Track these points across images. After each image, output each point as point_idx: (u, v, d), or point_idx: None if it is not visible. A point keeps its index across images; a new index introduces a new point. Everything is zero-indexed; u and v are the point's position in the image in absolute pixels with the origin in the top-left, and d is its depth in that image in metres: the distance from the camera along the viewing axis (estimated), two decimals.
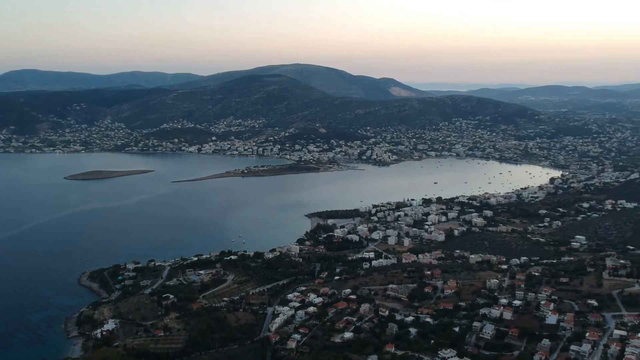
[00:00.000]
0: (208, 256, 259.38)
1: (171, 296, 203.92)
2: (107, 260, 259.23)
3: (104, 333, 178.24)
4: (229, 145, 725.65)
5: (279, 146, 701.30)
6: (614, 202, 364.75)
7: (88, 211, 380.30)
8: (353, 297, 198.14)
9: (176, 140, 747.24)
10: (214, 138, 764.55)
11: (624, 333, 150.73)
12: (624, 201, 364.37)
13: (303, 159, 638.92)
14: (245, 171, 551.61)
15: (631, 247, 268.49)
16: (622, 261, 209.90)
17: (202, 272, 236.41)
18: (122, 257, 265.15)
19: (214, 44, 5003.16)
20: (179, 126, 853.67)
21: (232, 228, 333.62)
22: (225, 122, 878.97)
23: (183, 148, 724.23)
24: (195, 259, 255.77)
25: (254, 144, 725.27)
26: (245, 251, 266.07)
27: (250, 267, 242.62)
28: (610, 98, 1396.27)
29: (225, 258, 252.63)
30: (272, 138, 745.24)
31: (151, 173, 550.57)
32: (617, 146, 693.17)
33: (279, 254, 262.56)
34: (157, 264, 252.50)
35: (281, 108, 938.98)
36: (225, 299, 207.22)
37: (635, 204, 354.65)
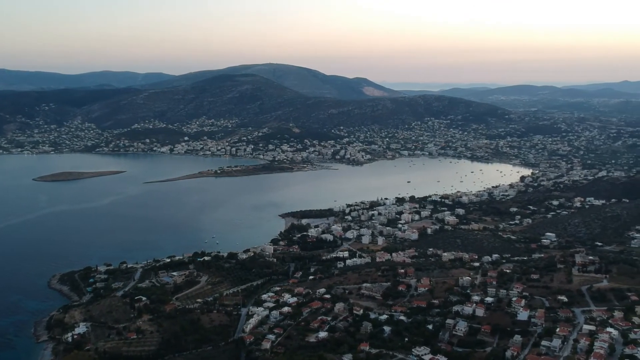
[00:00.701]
0: (181, 257, 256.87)
1: (144, 298, 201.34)
2: (78, 263, 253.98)
3: (75, 337, 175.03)
4: (201, 146, 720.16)
5: (253, 146, 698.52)
6: (582, 199, 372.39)
7: (58, 213, 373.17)
8: (327, 296, 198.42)
9: (148, 140, 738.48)
10: (186, 138, 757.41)
11: (592, 328, 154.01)
12: (592, 198, 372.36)
13: (277, 159, 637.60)
14: (219, 171, 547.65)
15: (599, 244, 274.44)
16: (590, 257, 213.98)
17: (175, 273, 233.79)
18: (93, 259, 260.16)
19: (185, 43, 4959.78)
20: (151, 126, 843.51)
21: (206, 229, 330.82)
22: (197, 122, 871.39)
23: (155, 148, 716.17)
24: (168, 260, 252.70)
25: (227, 144, 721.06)
26: (219, 252, 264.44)
27: (224, 268, 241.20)
28: (579, 97, 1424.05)
29: (198, 259, 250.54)
30: (245, 138, 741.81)
31: (123, 174, 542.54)
32: (585, 145, 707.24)
33: (253, 254, 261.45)
34: (129, 266, 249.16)
35: (254, 108, 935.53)
36: (198, 300, 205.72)
37: (603, 201, 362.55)
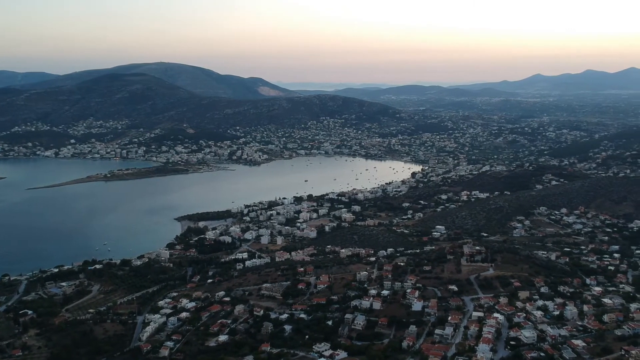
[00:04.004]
0: (70, 267, 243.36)
1: (29, 312, 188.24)
2: None
3: None
4: (89, 148, 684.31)
5: (145, 148, 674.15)
6: (468, 193, 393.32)
7: None
8: (227, 299, 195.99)
9: (30, 144, 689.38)
10: (72, 141, 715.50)
11: (481, 314, 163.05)
12: (478, 192, 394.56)
13: (171, 161, 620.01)
14: (109, 175, 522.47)
15: (485, 234, 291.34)
16: (477, 248, 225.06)
17: (64, 284, 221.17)
18: None
19: (69, 40, 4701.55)
20: (33, 129, 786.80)
21: (96, 236, 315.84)
22: (84, 124, 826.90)
23: (38, 152, 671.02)
24: (56, 270, 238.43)
25: (117, 146, 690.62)
26: (111, 259, 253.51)
27: (117, 276, 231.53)
28: (463, 97, 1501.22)
29: (89, 268, 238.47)
30: (136, 140, 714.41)
31: (2, 180, 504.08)
32: (470, 141, 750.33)
33: (147, 260, 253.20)
34: (12, 278, 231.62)
35: (146, 108, 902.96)
36: (91, 310, 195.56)
37: (487, 194, 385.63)
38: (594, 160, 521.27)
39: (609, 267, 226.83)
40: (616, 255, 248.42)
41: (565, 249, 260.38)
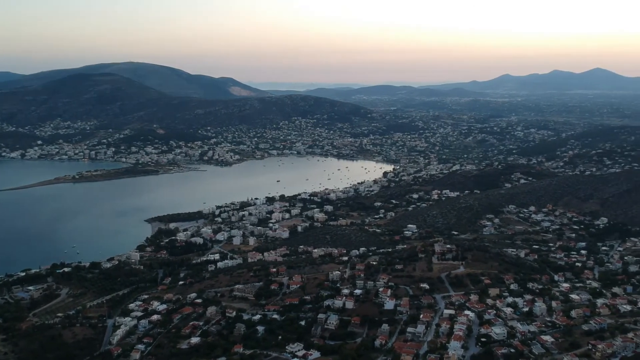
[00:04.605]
0: (38, 270, 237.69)
1: None
2: None
3: None
4: (57, 150, 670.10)
5: (114, 149, 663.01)
6: (439, 192, 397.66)
7: None
8: (199, 301, 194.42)
9: None
10: (39, 142, 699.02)
11: (452, 312, 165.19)
12: (448, 191, 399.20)
13: (141, 162, 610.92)
14: (77, 177, 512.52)
15: (455, 233, 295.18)
16: (448, 246, 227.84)
17: (31, 288, 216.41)
18: None
19: (35, 40, 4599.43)
20: None
21: (65, 238, 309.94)
22: (52, 125, 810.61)
23: (4, 154, 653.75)
24: (23, 274, 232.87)
25: (86, 147, 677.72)
26: (80, 262, 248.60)
27: (86, 279, 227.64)
28: (434, 97, 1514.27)
29: (57, 271, 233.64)
30: (105, 140, 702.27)
31: None
32: (440, 141, 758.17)
33: (117, 262, 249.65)
34: None
35: (114, 109, 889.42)
36: (59, 314, 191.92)
37: (458, 193, 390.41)
38: (561, 159, 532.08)
39: (577, 264, 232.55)
40: (583, 252, 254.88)
41: (534, 246, 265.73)
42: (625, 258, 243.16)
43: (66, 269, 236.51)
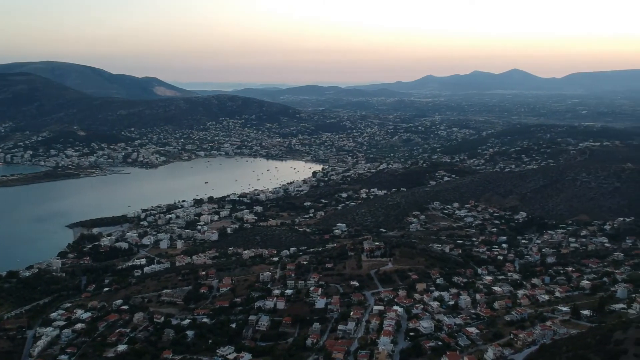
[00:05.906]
0: None
1: None
2: None
3: None
4: None
5: (32, 152, 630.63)
6: (367, 190, 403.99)
7: None
8: (125, 307, 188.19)
9: None
10: None
11: (382, 308, 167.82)
12: (376, 189, 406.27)
13: (61, 165, 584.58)
14: None
15: (384, 230, 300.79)
16: (377, 243, 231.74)
17: None
18: None
19: None
20: None
21: None
22: None
23: None
24: None
25: (0, 150, 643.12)
26: None
27: (3, 289, 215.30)
28: (360, 97, 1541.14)
29: None
30: (22, 143, 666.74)
31: None
32: (367, 140, 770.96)
33: (37, 270, 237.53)
34: None
35: (31, 110, 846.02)
36: None
37: (385, 191, 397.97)
38: (482, 157, 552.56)
39: (498, 257, 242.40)
40: (504, 245, 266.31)
41: (458, 241, 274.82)
42: (543, 250, 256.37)
43: None
